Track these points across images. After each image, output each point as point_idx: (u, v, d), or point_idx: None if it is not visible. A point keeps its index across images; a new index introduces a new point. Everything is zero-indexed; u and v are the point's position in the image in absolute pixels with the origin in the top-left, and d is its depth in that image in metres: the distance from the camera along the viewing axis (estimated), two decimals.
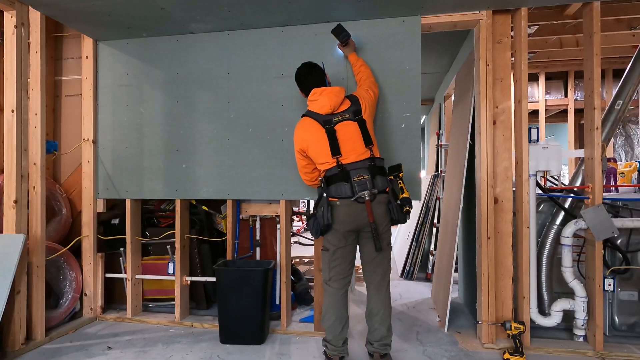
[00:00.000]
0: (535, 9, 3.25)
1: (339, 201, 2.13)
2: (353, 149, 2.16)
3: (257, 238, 3.05)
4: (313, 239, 2.58)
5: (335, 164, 2.16)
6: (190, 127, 2.89)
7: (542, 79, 4.93)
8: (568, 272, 2.50)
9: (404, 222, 2.21)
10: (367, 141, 2.19)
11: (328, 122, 2.19)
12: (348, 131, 2.18)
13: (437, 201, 4.42)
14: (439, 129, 4.89)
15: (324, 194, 2.16)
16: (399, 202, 2.17)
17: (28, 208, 2.55)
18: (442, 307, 2.89)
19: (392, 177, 2.22)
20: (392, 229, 2.28)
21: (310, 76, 2.34)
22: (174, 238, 2.98)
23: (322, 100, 2.21)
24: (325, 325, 2.23)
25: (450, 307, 2.76)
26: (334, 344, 2.20)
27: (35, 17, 2.58)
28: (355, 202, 2.11)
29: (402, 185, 2.21)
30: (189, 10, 2.52)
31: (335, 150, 2.16)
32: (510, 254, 2.54)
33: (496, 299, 2.53)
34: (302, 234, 6.91)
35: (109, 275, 3.12)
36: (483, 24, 2.54)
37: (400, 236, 5.53)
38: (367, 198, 2.09)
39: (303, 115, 2.31)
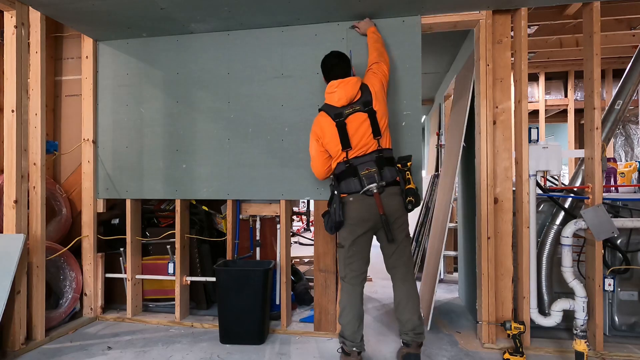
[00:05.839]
0: (535, 9, 3.25)
1: (350, 196, 2.15)
2: (362, 142, 2.16)
3: (257, 238, 3.05)
4: (313, 239, 2.58)
5: (343, 159, 2.17)
6: (190, 127, 2.89)
7: (542, 79, 4.92)
8: (568, 272, 2.50)
9: (408, 212, 2.19)
10: (376, 132, 2.18)
11: (339, 116, 2.19)
12: (358, 123, 2.18)
13: None
14: (439, 129, 4.89)
15: (335, 191, 2.18)
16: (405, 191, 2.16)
17: (28, 208, 2.55)
18: (427, 305, 2.88)
19: (399, 166, 2.20)
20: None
21: (337, 67, 2.29)
22: (174, 238, 2.98)
23: (339, 92, 2.20)
24: (343, 321, 2.22)
25: (449, 307, 2.76)
26: (352, 339, 2.19)
27: (35, 17, 2.58)
28: (365, 195, 2.12)
29: (409, 176, 2.19)
30: (189, 10, 2.52)
31: (345, 143, 2.16)
32: (510, 254, 2.54)
33: (496, 299, 2.53)
34: (302, 234, 6.92)
35: (109, 275, 3.12)
36: (483, 24, 2.54)
37: None
38: (375, 191, 2.11)
39: (320, 110, 2.29)
